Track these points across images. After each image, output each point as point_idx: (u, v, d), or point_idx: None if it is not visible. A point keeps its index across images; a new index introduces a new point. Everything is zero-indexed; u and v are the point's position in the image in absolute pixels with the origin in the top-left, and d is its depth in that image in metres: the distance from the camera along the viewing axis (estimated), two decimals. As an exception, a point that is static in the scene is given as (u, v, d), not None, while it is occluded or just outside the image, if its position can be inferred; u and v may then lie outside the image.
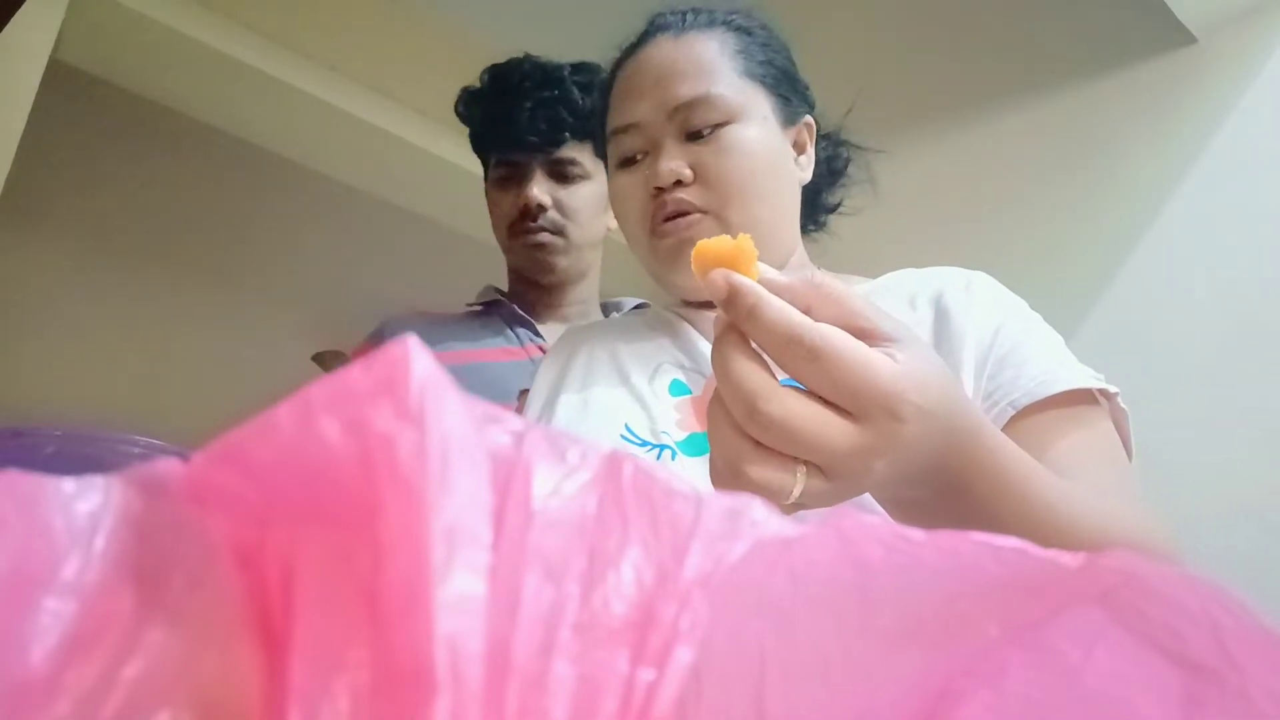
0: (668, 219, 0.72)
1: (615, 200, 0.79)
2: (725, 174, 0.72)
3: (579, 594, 0.22)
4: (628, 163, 0.77)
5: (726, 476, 0.41)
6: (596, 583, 0.22)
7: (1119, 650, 0.21)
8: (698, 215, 0.72)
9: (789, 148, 0.78)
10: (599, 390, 0.76)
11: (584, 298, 1.27)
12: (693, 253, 0.42)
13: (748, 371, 0.39)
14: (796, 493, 0.39)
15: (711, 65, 0.75)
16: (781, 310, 0.39)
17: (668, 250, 0.73)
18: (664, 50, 0.76)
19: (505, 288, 1.29)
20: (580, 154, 1.20)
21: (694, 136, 0.73)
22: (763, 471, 0.39)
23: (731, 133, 0.73)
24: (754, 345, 0.40)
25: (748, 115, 0.74)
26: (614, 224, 1.28)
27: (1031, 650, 0.22)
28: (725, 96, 0.73)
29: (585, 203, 1.21)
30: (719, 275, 0.40)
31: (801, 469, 0.39)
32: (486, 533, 0.21)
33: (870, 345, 0.39)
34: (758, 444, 0.39)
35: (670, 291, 0.81)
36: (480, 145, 1.26)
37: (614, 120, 0.78)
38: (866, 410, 0.38)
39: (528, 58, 1.23)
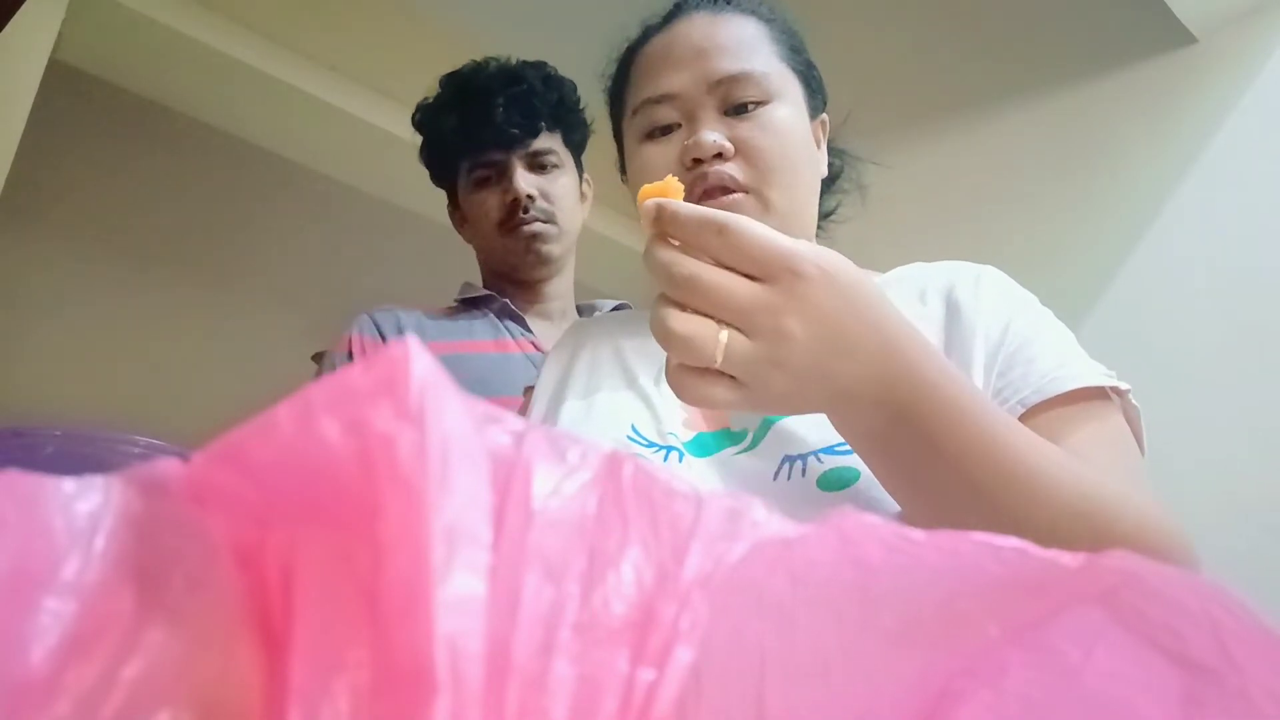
0: (707, 192, 0.70)
1: (640, 173, 0.76)
2: (767, 151, 0.71)
3: (579, 594, 0.22)
4: (657, 135, 0.74)
5: (666, 351, 0.46)
6: (596, 583, 0.22)
7: (1119, 650, 0.21)
8: (740, 195, 0.70)
9: (812, 140, 0.78)
10: (604, 392, 0.75)
11: (563, 293, 1.27)
12: (637, 198, 0.49)
13: (666, 252, 0.46)
14: (720, 347, 0.44)
15: (753, 44, 0.74)
16: (696, 208, 0.46)
17: None
18: (703, 25, 0.75)
19: (480, 287, 1.29)
20: (553, 143, 1.22)
21: (733, 112, 0.72)
22: (685, 325, 0.44)
23: (772, 111, 0.72)
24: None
25: (785, 98, 0.73)
26: (586, 215, 1.29)
27: (1031, 650, 0.22)
28: (768, 75, 0.73)
29: (566, 190, 1.23)
30: (649, 201, 0.47)
31: (724, 329, 0.44)
32: (486, 533, 0.21)
33: None
34: (683, 307, 0.45)
35: None
36: (450, 154, 1.25)
37: (644, 91, 0.75)
38: (770, 271, 0.44)
39: (487, 61, 1.24)
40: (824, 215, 0.87)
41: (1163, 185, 1.75)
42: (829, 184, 0.85)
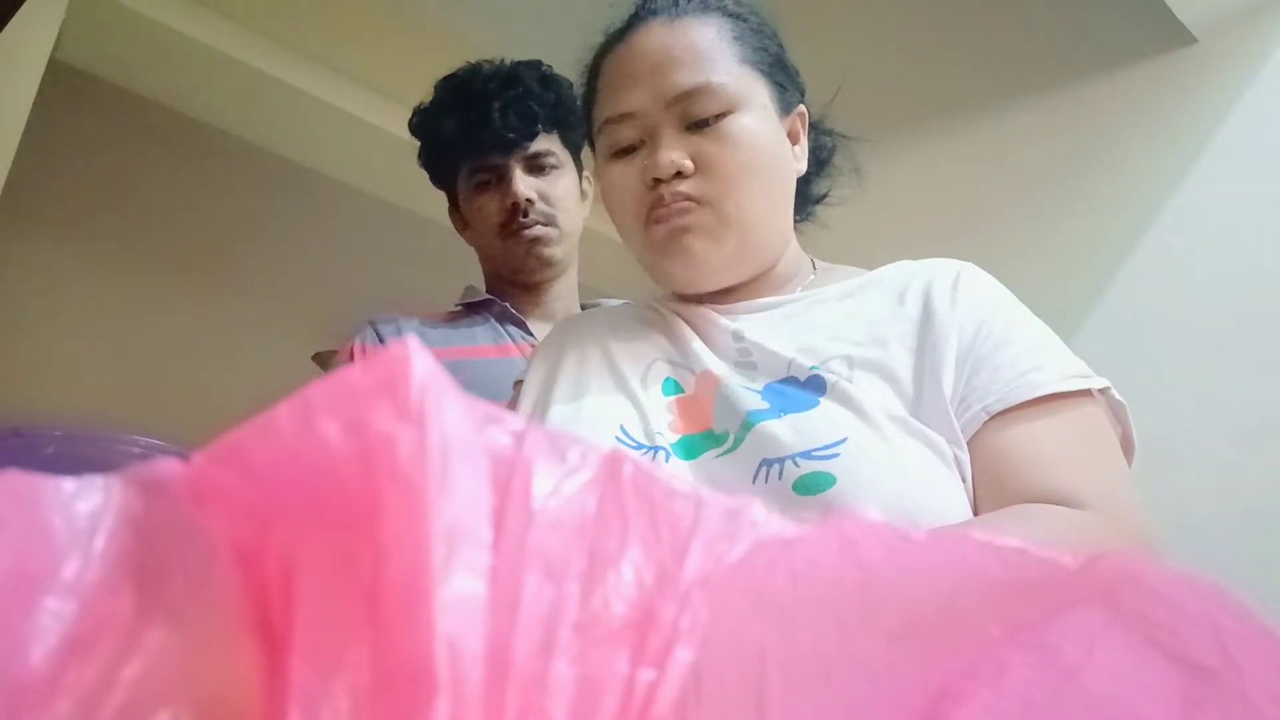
0: (664, 212, 0.71)
1: (608, 191, 0.77)
2: (726, 166, 0.70)
3: (579, 594, 0.22)
4: (622, 153, 0.75)
5: None
6: (596, 583, 0.22)
7: (1119, 650, 0.21)
8: (693, 204, 0.71)
9: (785, 138, 0.77)
10: (594, 392, 0.75)
11: (567, 293, 1.27)
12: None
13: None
14: None
15: (710, 52, 0.73)
16: None
17: (662, 238, 0.72)
18: (659, 36, 0.74)
19: (482, 290, 1.29)
20: (551, 144, 1.22)
21: (693, 127, 0.71)
22: None
23: (732, 123, 0.71)
24: None
25: (747, 104, 0.72)
26: (588, 212, 1.29)
27: (1031, 650, 0.22)
28: (726, 85, 0.71)
29: (566, 191, 1.23)
30: None
31: None
32: (486, 533, 0.21)
33: None
34: None
35: (664, 283, 0.79)
36: (447, 159, 1.25)
37: (607, 109, 0.75)
38: None
39: (481, 63, 1.24)
40: (815, 201, 0.86)
41: (1163, 185, 1.75)
42: (818, 169, 0.84)
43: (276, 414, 0.21)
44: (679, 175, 0.70)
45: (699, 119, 0.71)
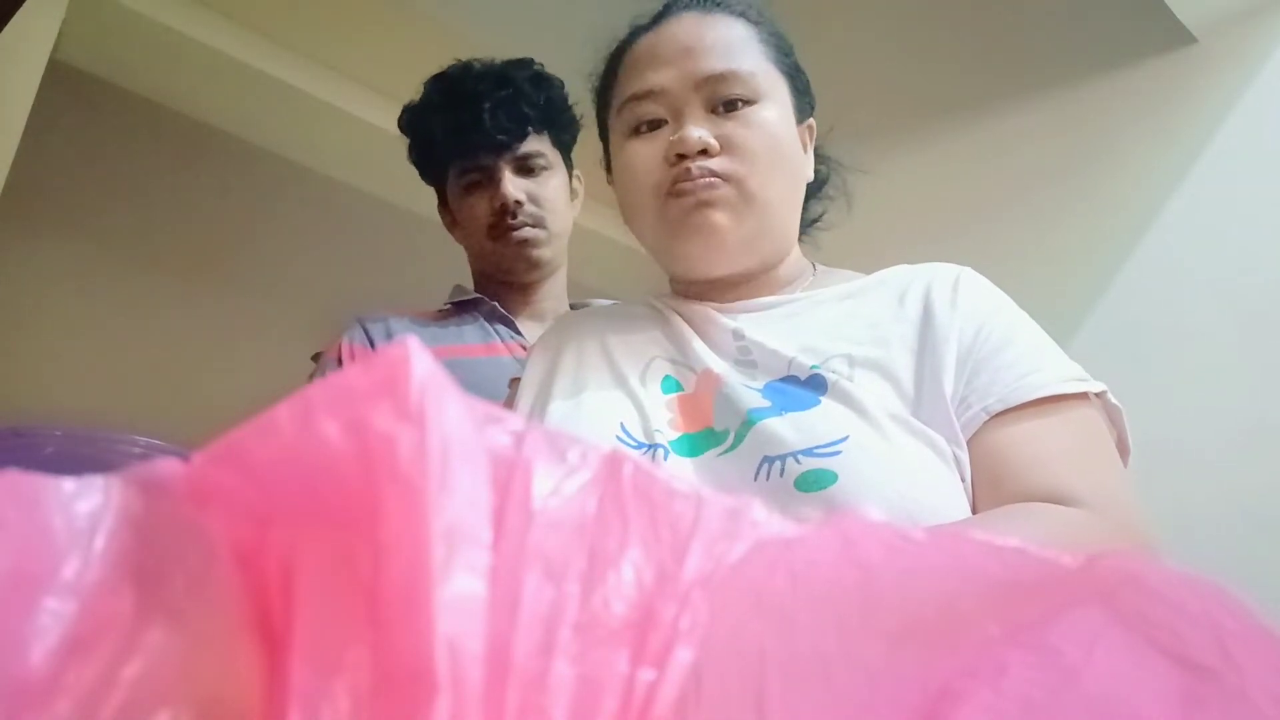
0: (688, 185, 0.71)
1: (624, 169, 0.77)
2: (752, 148, 0.71)
3: (579, 594, 0.22)
4: (641, 131, 0.75)
5: None
6: (596, 583, 0.22)
7: (1119, 650, 0.21)
8: (719, 180, 0.71)
9: (800, 143, 0.78)
10: (591, 391, 0.75)
11: (556, 293, 1.27)
12: None
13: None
14: None
15: (741, 45, 0.75)
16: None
17: (681, 211, 0.72)
18: (691, 25, 0.76)
19: (470, 288, 1.29)
20: (542, 145, 1.22)
21: (719, 110, 0.73)
22: None
23: (757, 112, 0.73)
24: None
25: (772, 99, 0.74)
26: (577, 212, 1.29)
27: (1031, 650, 0.22)
28: (755, 75, 0.73)
29: (556, 192, 1.22)
30: None
31: None
32: (486, 533, 0.21)
33: None
34: None
35: (674, 266, 0.79)
36: (437, 158, 1.24)
37: (631, 87, 0.76)
38: None
39: (473, 62, 1.24)
40: (810, 222, 0.87)
41: (1163, 185, 1.75)
42: (815, 190, 0.85)
43: (276, 414, 0.21)
44: (704, 154, 0.71)
45: (726, 100, 0.72)
